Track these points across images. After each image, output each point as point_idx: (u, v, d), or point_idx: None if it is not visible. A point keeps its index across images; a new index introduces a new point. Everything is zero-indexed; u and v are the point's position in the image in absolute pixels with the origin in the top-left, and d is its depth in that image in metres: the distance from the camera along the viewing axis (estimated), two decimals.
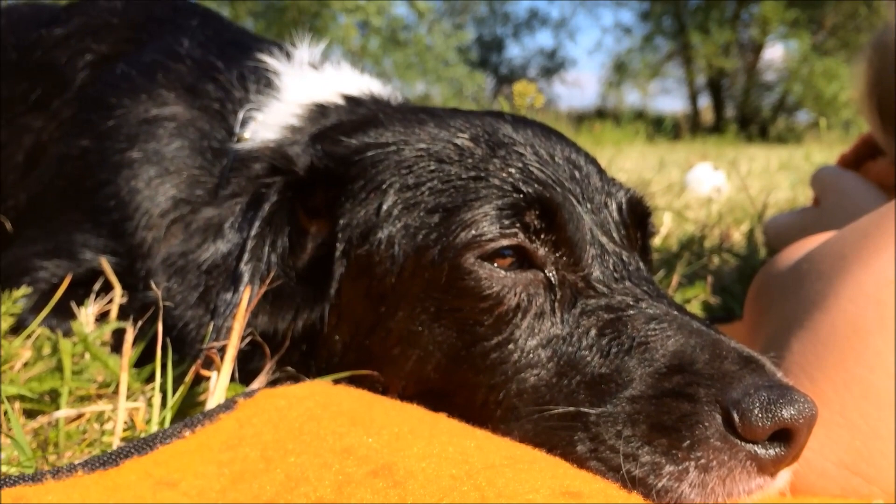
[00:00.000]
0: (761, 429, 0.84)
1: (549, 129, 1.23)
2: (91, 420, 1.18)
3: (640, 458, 0.88)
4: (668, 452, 0.87)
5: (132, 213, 1.41)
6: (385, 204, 1.10)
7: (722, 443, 0.85)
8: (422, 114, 1.23)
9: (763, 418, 0.84)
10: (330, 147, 1.18)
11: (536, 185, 1.07)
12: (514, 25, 31.39)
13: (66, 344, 1.23)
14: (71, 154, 1.55)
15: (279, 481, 0.83)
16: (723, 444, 0.85)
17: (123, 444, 0.92)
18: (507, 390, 0.99)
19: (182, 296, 1.15)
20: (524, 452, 0.86)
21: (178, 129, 1.45)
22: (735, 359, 0.91)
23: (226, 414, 0.97)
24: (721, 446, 0.85)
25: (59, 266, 1.46)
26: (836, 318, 1.02)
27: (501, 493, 0.72)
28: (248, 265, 1.11)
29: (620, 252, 1.08)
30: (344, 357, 1.14)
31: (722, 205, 4.14)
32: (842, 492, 0.98)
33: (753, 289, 1.35)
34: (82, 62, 1.69)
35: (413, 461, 0.80)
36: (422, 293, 1.06)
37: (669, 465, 0.86)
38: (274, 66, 1.50)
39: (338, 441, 0.87)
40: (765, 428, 0.84)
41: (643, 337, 0.96)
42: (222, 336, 1.06)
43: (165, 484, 0.88)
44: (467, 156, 1.12)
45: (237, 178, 1.29)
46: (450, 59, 19.74)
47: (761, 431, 0.84)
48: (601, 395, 0.94)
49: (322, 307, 1.14)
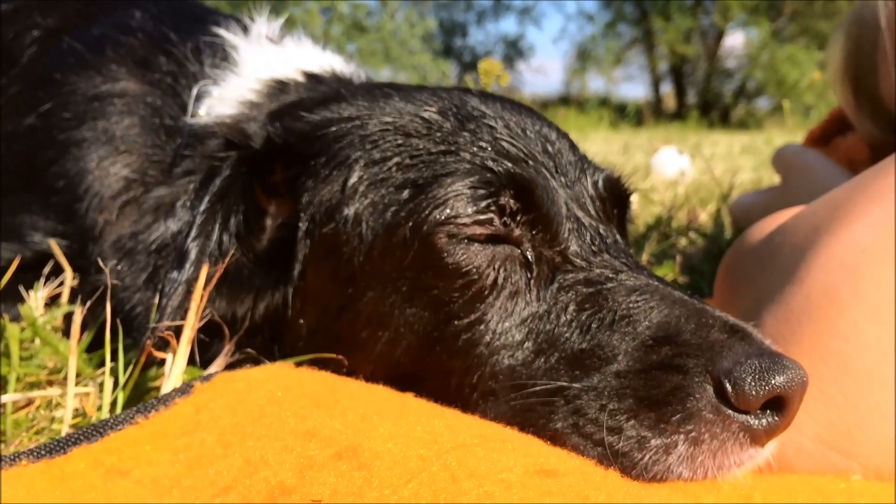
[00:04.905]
0: (755, 398, 0.82)
1: (519, 104, 1.20)
2: (41, 408, 1.13)
3: (625, 431, 0.85)
4: (656, 426, 0.84)
5: (82, 194, 1.35)
6: (350, 180, 1.06)
7: (714, 415, 0.83)
8: (387, 88, 1.19)
9: (756, 387, 0.82)
10: (290, 123, 1.13)
11: (509, 161, 1.03)
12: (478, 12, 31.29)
13: (14, 328, 1.17)
14: (17, 133, 1.48)
15: (237, 466, 0.79)
16: (715, 416, 0.83)
17: (72, 432, 0.88)
18: (481, 373, 0.96)
19: (131, 277, 1.10)
20: (495, 431, 0.83)
21: (128, 105, 1.39)
22: (722, 327, 0.89)
23: (182, 399, 0.93)
24: (713, 419, 0.83)
25: (6, 249, 1.39)
26: (810, 289, 0.99)
27: (473, 472, 0.68)
28: (195, 241, 1.05)
29: (597, 225, 1.05)
30: (310, 341, 1.09)
31: (687, 187, 4.15)
32: (819, 468, 0.95)
33: (724, 266, 1.32)
34: (29, 38, 1.62)
35: (379, 442, 0.76)
36: (392, 272, 1.02)
37: (656, 438, 0.84)
38: (231, 39, 1.44)
39: (300, 423, 0.83)
40: (759, 397, 0.82)
41: (625, 309, 0.93)
42: (167, 316, 1.01)
43: (117, 472, 0.83)
44: (435, 129, 1.07)
45: (191, 156, 1.23)
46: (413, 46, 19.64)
47: (755, 401, 0.82)
48: (584, 370, 0.90)
49: (285, 290, 1.10)
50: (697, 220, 2.75)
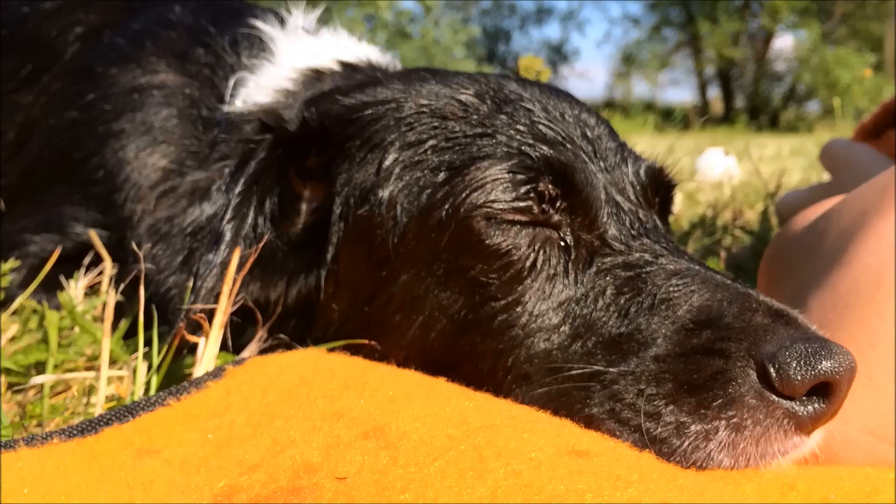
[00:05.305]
0: (800, 383, 0.78)
1: (558, 89, 1.18)
2: (78, 395, 1.14)
3: (663, 416, 0.82)
4: (696, 411, 0.81)
5: (120, 185, 1.36)
6: (385, 162, 1.04)
7: (758, 400, 0.79)
8: (423, 72, 1.18)
9: (802, 371, 0.78)
10: (325, 106, 1.13)
11: (547, 146, 1.01)
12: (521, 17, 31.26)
13: (53, 315, 1.18)
14: (60, 126, 1.50)
15: (265, 446, 0.78)
16: (758, 401, 0.79)
17: (104, 413, 0.88)
18: (515, 356, 0.93)
19: (167, 261, 1.10)
20: (527, 413, 0.80)
21: (166, 97, 1.40)
22: (766, 312, 0.85)
23: (214, 382, 0.93)
24: (756, 404, 0.79)
25: (48, 240, 1.41)
26: (858, 273, 0.95)
27: (501, 452, 0.66)
28: (230, 223, 1.05)
29: (637, 210, 1.02)
30: (342, 327, 1.08)
31: (734, 188, 4.06)
32: (867, 461, 0.91)
33: (767, 255, 1.28)
34: (73, 35, 1.65)
35: (407, 423, 0.74)
36: (427, 255, 1.00)
37: (696, 424, 0.80)
38: (268, 31, 1.45)
39: (329, 405, 0.82)
40: (804, 382, 0.78)
41: (665, 293, 0.90)
42: (201, 298, 1.01)
43: (147, 452, 0.83)
44: (472, 112, 1.06)
45: (226, 141, 1.23)
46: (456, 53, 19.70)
47: (800, 386, 0.79)
48: (622, 355, 0.87)
49: (318, 274, 1.09)
50: (743, 218, 2.69)
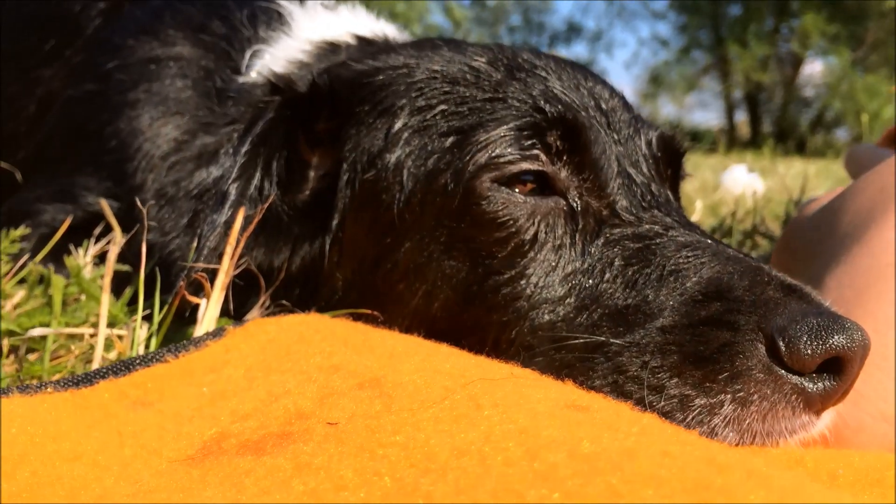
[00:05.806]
0: (810, 358, 0.75)
1: (573, 62, 1.16)
2: (79, 358, 1.12)
3: (667, 389, 0.79)
4: (701, 384, 0.78)
5: (133, 154, 1.35)
6: (394, 127, 1.03)
7: (766, 374, 0.77)
8: (437, 40, 1.16)
9: (813, 345, 0.75)
10: (336, 71, 1.12)
11: (559, 105, 0.99)
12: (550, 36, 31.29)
13: (58, 279, 1.17)
14: (77, 97, 1.50)
15: (260, 397, 0.76)
16: (766, 376, 0.77)
17: (100, 367, 0.86)
18: (520, 328, 0.91)
19: (172, 223, 1.09)
20: (527, 372, 0.78)
21: (181, 68, 1.39)
22: (778, 286, 0.83)
23: (214, 341, 0.91)
24: (764, 378, 0.77)
25: (60, 209, 1.41)
26: (876, 249, 0.92)
27: (498, 402, 0.64)
28: (235, 183, 1.03)
29: (649, 183, 1.00)
30: (346, 295, 1.06)
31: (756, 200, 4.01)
32: (881, 448, 0.87)
33: (783, 237, 1.25)
34: (95, 10, 1.65)
35: (404, 375, 0.72)
36: (432, 221, 0.98)
37: (701, 397, 0.78)
38: (286, 5, 1.44)
39: (326, 360, 0.80)
40: (814, 357, 0.76)
41: (674, 265, 0.87)
42: (203, 258, 0.99)
43: (140, 403, 0.82)
44: (484, 78, 1.04)
45: (237, 106, 1.22)
46: None
47: (810, 361, 0.76)
48: (628, 326, 0.85)
49: (323, 241, 1.07)
50: (765, 225, 2.64)
